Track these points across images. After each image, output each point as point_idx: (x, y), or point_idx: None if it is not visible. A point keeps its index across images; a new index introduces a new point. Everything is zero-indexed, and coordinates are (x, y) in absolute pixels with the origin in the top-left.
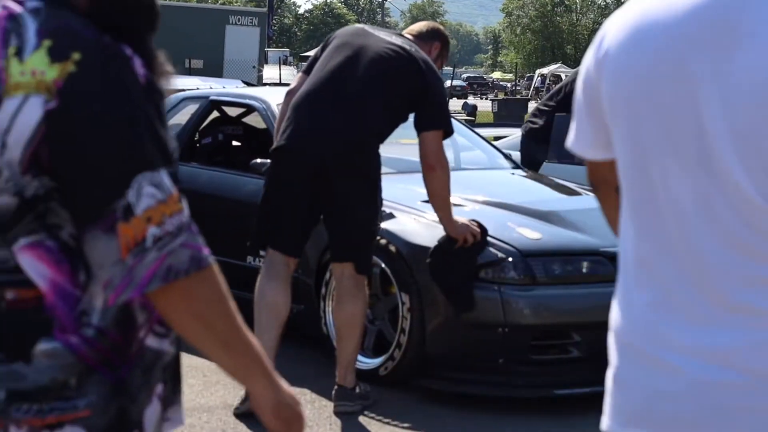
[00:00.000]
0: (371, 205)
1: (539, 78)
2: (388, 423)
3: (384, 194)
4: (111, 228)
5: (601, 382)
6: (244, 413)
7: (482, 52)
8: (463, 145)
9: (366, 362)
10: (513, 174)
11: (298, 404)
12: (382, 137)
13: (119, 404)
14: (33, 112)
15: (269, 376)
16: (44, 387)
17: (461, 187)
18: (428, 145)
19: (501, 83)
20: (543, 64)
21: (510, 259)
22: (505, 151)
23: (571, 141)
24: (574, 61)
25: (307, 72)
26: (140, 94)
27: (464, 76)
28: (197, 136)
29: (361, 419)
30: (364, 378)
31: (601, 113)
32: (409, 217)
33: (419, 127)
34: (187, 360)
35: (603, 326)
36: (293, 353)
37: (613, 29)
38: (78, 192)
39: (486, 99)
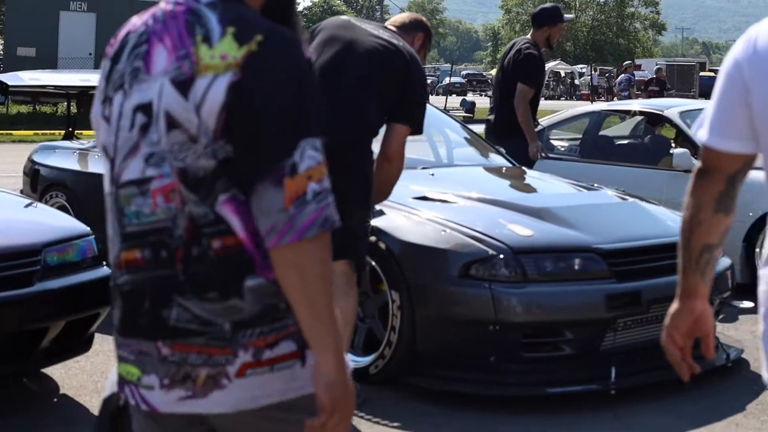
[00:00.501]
0: (364, 203)
1: None
2: (378, 422)
3: None
4: (279, 181)
5: (594, 380)
6: None
7: (481, 49)
8: (456, 141)
9: (356, 361)
10: (505, 170)
11: (353, 392)
12: (375, 133)
13: None
14: (221, 87)
15: (339, 352)
16: (259, 314)
17: (454, 184)
18: (395, 138)
19: None
20: None
21: (501, 255)
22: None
23: (704, 133)
24: (573, 58)
25: None
26: (308, 72)
27: (463, 73)
28: None
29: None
30: (354, 377)
31: (747, 109)
32: (400, 215)
33: (393, 118)
34: None
35: (595, 323)
36: None
37: (765, 31)
38: (255, 150)
39: (485, 96)
